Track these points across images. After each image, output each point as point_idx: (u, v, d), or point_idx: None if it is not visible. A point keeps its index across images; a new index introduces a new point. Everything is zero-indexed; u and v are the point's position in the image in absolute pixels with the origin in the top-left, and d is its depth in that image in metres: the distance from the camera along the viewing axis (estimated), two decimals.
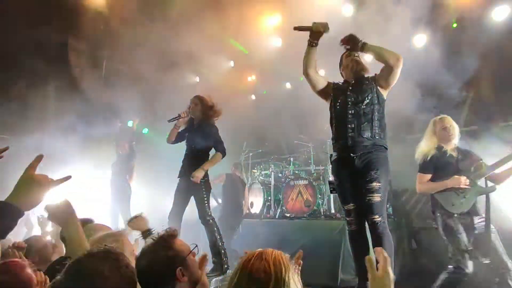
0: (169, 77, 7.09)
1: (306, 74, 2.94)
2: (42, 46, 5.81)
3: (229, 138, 6.71)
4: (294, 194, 5.23)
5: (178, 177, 3.86)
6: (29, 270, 1.57)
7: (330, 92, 2.96)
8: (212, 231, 3.64)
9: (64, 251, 2.04)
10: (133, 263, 1.67)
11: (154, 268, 1.46)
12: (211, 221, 3.66)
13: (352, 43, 2.83)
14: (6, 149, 1.53)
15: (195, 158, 3.78)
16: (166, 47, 6.64)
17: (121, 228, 1.84)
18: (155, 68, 6.83)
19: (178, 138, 3.98)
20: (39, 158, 1.28)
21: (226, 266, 3.58)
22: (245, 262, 1.09)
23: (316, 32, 2.82)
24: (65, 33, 6.63)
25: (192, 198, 3.79)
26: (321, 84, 2.98)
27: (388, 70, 2.75)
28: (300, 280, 1.11)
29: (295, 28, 2.86)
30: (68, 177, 1.34)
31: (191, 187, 3.70)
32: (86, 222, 2.14)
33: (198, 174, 3.59)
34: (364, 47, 2.80)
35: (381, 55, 2.74)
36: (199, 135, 3.78)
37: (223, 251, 3.63)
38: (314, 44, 2.87)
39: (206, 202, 3.68)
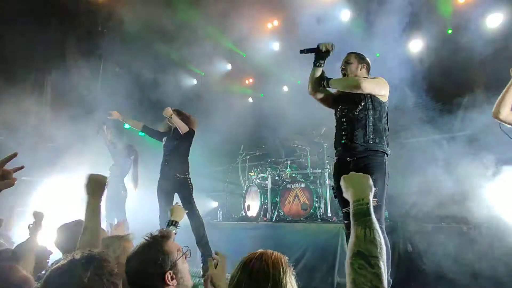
0: (167, 79, 7.10)
1: (312, 95, 3.00)
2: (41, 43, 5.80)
3: (226, 140, 6.77)
4: (291, 197, 5.24)
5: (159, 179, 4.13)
6: (24, 272, 1.57)
7: (331, 101, 3.03)
8: (200, 223, 3.89)
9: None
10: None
11: (143, 269, 1.42)
12: (198, 212, 3.95)
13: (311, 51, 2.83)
14: (21, 167, 1.48)
15: (172, 160, 4.05)
16: (164, 50, 6.65)
17: (127, 232, 1.82)
18: (152, 70, 6.83)
19: (154, 134, 4.32)
20: (12, 156, 1.31)
21: None
22: (247, 262, 1.12)
23: (324, 52, 2.77)
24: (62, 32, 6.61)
25: (176, 195, 4.06)
26: (326, 100, 3.04)
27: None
28: (295, 283, 1.13)
29: (301, 51, 2.83)
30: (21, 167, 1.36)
31: (176, 186, 3.97)
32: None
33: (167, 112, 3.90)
34: (328, 83, 2.86)
35: (344, 88, 2.81)
36: (174, 139, 4.07)
37: (207, 241, 3.89)
38: (320, 65, 2.85)
39: (192, 197, 4.00)
